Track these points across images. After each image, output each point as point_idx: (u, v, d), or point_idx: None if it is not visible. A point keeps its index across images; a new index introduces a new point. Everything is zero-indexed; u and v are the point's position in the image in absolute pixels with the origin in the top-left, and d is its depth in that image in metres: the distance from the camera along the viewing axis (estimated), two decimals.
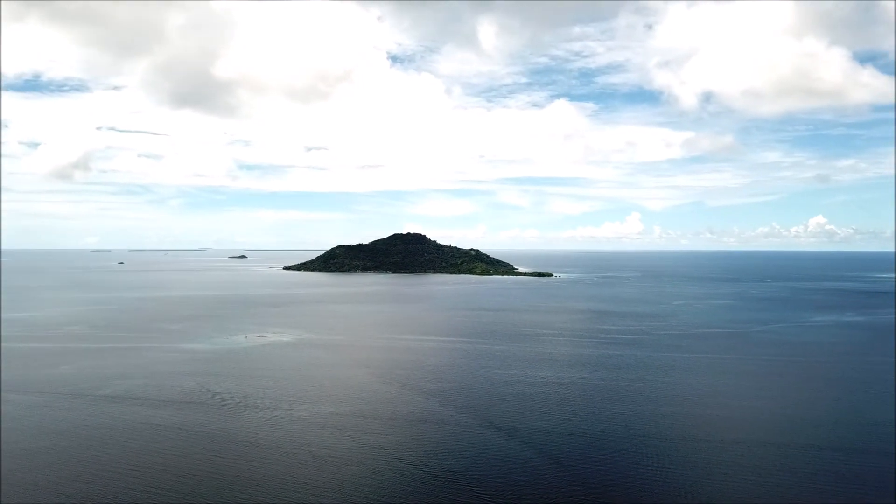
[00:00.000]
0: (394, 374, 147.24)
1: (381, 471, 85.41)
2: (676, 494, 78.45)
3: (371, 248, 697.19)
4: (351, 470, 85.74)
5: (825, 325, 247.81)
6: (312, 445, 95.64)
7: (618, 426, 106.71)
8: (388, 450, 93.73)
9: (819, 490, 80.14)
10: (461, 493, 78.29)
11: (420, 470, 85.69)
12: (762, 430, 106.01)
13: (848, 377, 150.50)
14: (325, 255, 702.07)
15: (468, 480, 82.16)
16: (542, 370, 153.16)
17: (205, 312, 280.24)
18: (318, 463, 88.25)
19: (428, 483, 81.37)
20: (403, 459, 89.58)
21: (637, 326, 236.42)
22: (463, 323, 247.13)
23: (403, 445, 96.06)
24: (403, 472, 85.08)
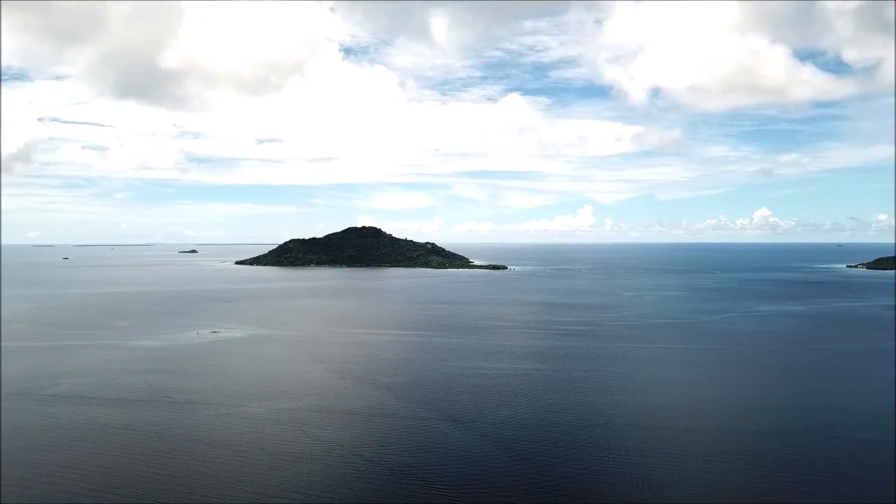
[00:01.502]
0: (349, 369, 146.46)
1: (337, 466, 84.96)
2: (629, 481, 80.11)
3: (325, 241, 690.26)
4: (306, 466, 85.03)
5: (769, 314, 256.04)
6: (266, 442, 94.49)
7: (571, 416, 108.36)
8: (343, 445, 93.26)
9: (763, 474, 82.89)
10: (418, 487, 78.47)
11: (376, 464, 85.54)
12: (710, 418, 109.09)
13: (790, 365, 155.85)
14: (279, 250, 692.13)
15: (425, 474, 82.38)
16: (498, 362, 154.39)
17: (154, 309, 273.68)
18: (272, 460, 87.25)
19: (384, 477, 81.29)
20: (359, 454, 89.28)
21: (589, 317, 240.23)
22: (419, 316, 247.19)
23: (359, 440, 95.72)
24: (359, 467, 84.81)
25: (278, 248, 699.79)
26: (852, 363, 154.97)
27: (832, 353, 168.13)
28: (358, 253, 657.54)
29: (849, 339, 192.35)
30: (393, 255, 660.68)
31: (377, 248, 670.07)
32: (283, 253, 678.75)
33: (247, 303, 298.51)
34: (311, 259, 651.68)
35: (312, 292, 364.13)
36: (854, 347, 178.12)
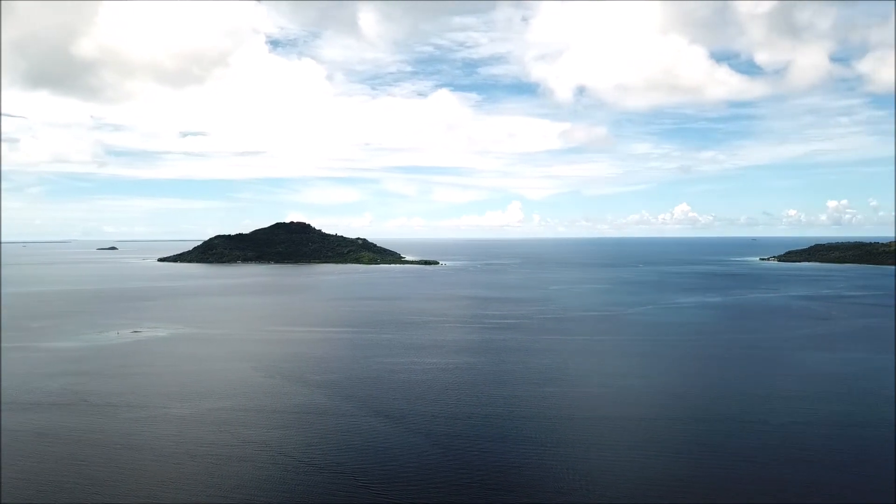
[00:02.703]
0: (278, 367, 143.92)
1: (264, 467, 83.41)
2: (558, 472, 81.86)
3: (252, 237, 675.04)
4: (231, 467, 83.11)
5: (689, 305, 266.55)
6: (190, 444, 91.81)
7: (501, 409, 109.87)
8: (271, 445, 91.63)
9: (685, 460, 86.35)
10: (347, 486, 77.91)
11: (305, 464, 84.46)
12: (635, 407, 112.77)
13: (708, 354, 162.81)
14: (204, 246, 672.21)
15: (355, 472, 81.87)
16: (428, 357, 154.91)
17: (71, 308, 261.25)
18: (195, 462, 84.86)
19: (313, 477, 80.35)
20: (287, 454, 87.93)
21: (518, 311, 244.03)
22: (349, 313, 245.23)
23: (288, 439, 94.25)
24: (287, 467, 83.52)
25: (203, 244, 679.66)
26: (765, 351, 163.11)
27: (747, 342, 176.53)
28: (286, 249, 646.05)
29: (761, 329, 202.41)
30: (323, 250, 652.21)
31: (306, 244, 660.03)
32: (209, 249, 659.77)
33: (170, 301, 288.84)
34: (237, 255, 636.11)
35: (239, 289, 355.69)
36: (766, 336, 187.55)
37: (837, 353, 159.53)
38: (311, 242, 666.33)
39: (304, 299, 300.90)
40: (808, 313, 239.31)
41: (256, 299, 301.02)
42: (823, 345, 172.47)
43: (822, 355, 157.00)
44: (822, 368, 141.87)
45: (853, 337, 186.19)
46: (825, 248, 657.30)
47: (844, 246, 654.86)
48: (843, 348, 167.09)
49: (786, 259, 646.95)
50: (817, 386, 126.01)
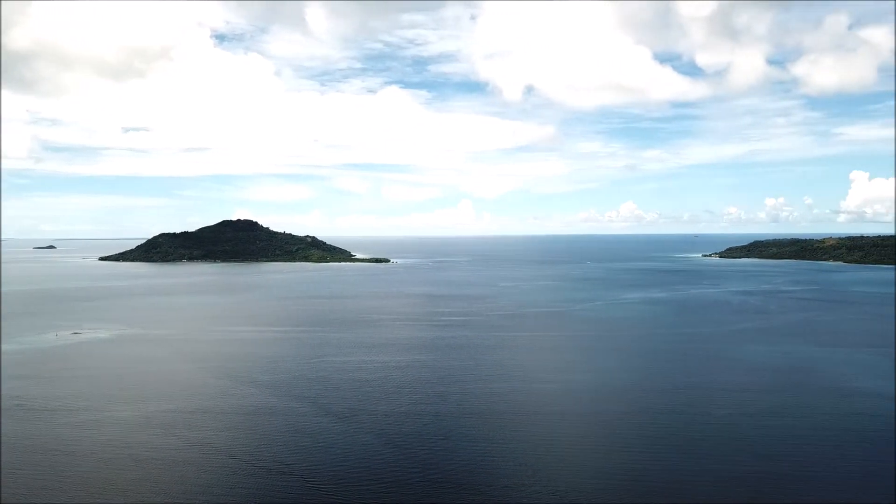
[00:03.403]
0: (225, 368, 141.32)
1: (211, 469, 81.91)
2: (509, 468, 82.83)
3: (198, 235, 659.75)
4: (177, 471, 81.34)
5: (634, 301, 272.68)
6: (134, 448, 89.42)
7: (451, 405, 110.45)
8: (218, 447, 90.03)
9: (634, 453, 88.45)
10: (297, 486, 77.20)
11: (253, 465, 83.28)
12: (582, 401, 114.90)
13: (653, 348, 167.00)
14: (147, 244, 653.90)
15: (304, 472, 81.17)
16: (379, 355, 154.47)
17: (7, 309, 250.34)
18: (140, 466, 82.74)
19: (261, 478, 79.31)
20: (235, 456, 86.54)
21: (469, 308, 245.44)
22: (299, 312, 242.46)
23: (236, 441, 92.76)
24: (235, 468, 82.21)
25: (147, 242, 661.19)
26: (707, 345, 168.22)
27: (689, 337, 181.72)
28: (233, 247, 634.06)
29: (703, 323, 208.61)
30: (271, 249, 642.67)
31: (254, 242, 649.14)
32: (153, 248, 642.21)
33: (112, 301, 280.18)
34: (182, 254, 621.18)
35: (185, 289, 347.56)
36: (708, 330, 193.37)
37: (775, 346, 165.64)
38: (258, 240, 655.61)
39: (252, 298, 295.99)
40: (748, 308, 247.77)
41: (203, 299, 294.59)
42: (762, 338, 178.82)
43: (761, 348, 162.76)
44: (761, 361, 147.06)
45: (790, 330, 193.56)
46: (763, 244, 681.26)
47: (782, 242, 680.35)
48: (781, 341, 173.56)
49: (726, 255, 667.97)
50: (756, 378, 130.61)
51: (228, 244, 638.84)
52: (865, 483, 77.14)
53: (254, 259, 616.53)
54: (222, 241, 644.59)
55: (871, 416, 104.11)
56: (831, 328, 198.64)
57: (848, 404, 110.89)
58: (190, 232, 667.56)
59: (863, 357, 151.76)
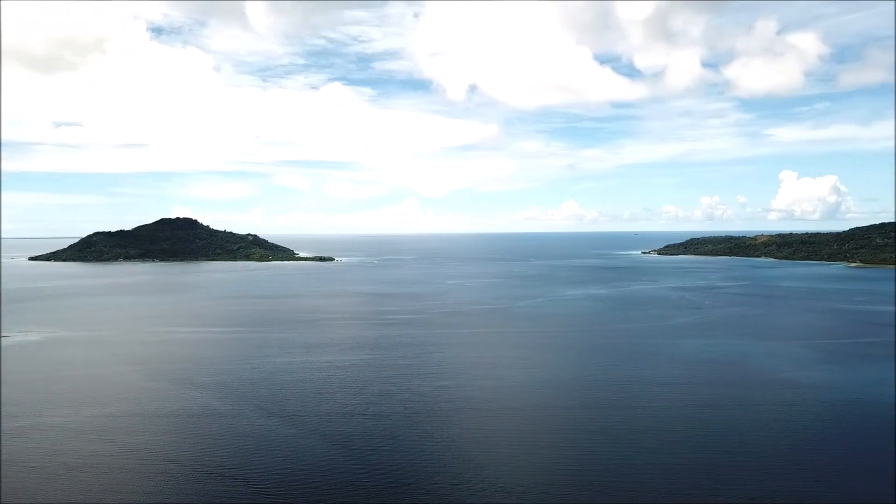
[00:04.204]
0: (164, 370, 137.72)
1: (149, 475, 79.82)
2: (454, 465, 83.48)
3: (135, 234, 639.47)
4: (113, 477, 78.95)
5: (576, 298, 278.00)
6: (66, 455, 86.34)
7: (397, 404, 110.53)
8: (157, 451, 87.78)
9: (574, 447, 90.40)
10: (239, 489, 75.99)
11: (193, 469, 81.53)
12: (526, 396, 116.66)
13: (594, 344, 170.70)
14: (81, 243, 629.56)
15: (246, 475, 79.93)
16: (323, 355, 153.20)
17: None
18: (73, 474, 79.95)
19: (202, 482, 77.74)
20: (174, 460, 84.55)
21: (414, 306, 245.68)
22: (240, 312, 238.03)
23: (175, 445, 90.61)
24: (174, 473, 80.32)
25: (81, 241, 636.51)
26: (646, 339, 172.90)
27: (629, 332, 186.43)
28: (172, 246, 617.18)
29: (642, 318, 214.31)
30: (211, 247, 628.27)
31: (193, 241, 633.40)
32: (87, 247, 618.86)
33: (43, 302, 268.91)
34: (119, 253, 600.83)
35: (121, 289, 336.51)
36: (647, 325, 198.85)
37: (710, 340, 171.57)
38: (198, 239, 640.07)
39: (192, 298, 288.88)
40: (685, 303, 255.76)
41: (140, 299, 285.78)
42: (698, 332, 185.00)
43: (697, 342, 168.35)
44: (697, 355, 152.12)
45: (724, 325, 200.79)
46: (699, 241, 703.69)
47: (716, 239, 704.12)
48: (715, 335, 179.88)
49: (664, 252, 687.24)
50: (692, 371, 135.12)
51: (167, 243, 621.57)
52: (793, 471, 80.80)
53: (193, 258, 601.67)
54: (160, 239, 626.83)
55: (797, 406, 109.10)
56: (762, 322, 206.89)
57: (776, 395, 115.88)
58: (126, 230, 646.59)
59: (790, 349, 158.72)
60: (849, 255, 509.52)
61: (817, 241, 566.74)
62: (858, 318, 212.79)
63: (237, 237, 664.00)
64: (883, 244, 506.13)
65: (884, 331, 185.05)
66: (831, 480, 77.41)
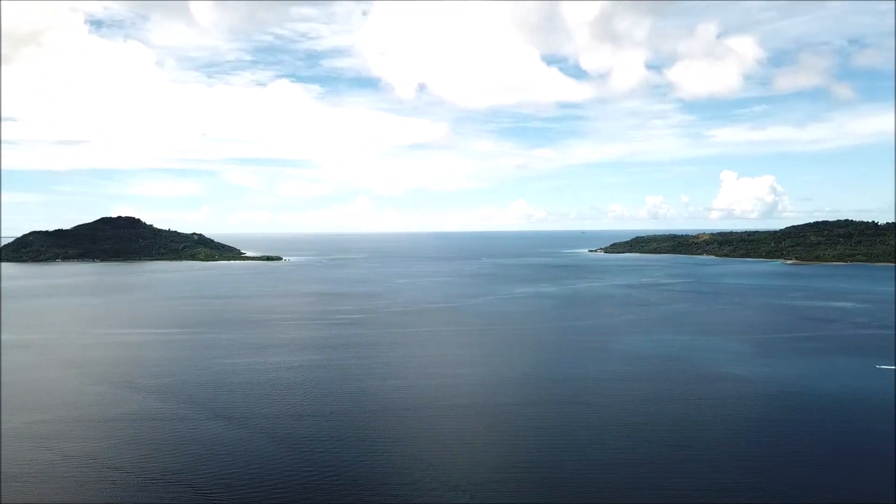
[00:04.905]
0: (106, 373, 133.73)
1: (88, 482, 77.50)
2: (406, 464, 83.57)
3: (74, 233, 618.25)
4: (53, 486, 76.38)
5: (526, 295, 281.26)
6: (2, 463, 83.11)
7: (347, 404, 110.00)
8: (98, 458, 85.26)
9: (523, 443, 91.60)
10: (184, 494, 74.43)
11: (136, 475, 79.46)
12: (476, 394, 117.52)
13: (543, 341, 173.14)
14: (17, 243, 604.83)
15: (192, 479, 78.35)
16: (271, 356, 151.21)
17: None
18: (8, 484, 76.98)
19: (146, 489, 75.87)
20: (116, 466, 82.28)
21: (365, 305, 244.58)
22: (185, 313, 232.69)
23: (117, 450, 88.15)
24: (116, 480, 78.19)
25: (16, 241, 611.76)
26: (593, 336, 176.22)
27: (577, 329, 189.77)
28: (114, 246, 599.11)
29: (589, 315, 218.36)
30: (155, 247, 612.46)
31: (136, 241, 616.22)
32: (23, 247, 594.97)
33: None
34: (57, 253, 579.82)
35: (61, 290, 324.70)
36: (594, 322, 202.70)
37: (654, 336, 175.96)
38: (141, 238, 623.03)
39: (136, 299, 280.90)
40: (630, 300, 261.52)
41: (81, 300, 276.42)
42: (642, 329, 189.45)
43: (642, 338, 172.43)
44: (642, 350, 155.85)
45: (667, 321, 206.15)
46: (644, 240, 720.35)
47: (660, 238, 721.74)
48: (659, 331, 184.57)
49: (611, 250, 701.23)
50: (637, 367, 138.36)
51: (108, 242, 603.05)
52: (734, 463, 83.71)
53: (136, 258, 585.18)
54: (101, 239, 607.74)
55: (737, 399, 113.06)
56: (704, 318, 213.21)
57: (718, 389, 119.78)
58: (65, 230, 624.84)
59: (731, 344, 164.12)
60: (785, 252, 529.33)
61: (756, 240, 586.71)
62: (794, 313, 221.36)
63: (182, 236, 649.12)
64: (817, 242, 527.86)
65: (817, 325, 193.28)
66: (771, 471, 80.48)
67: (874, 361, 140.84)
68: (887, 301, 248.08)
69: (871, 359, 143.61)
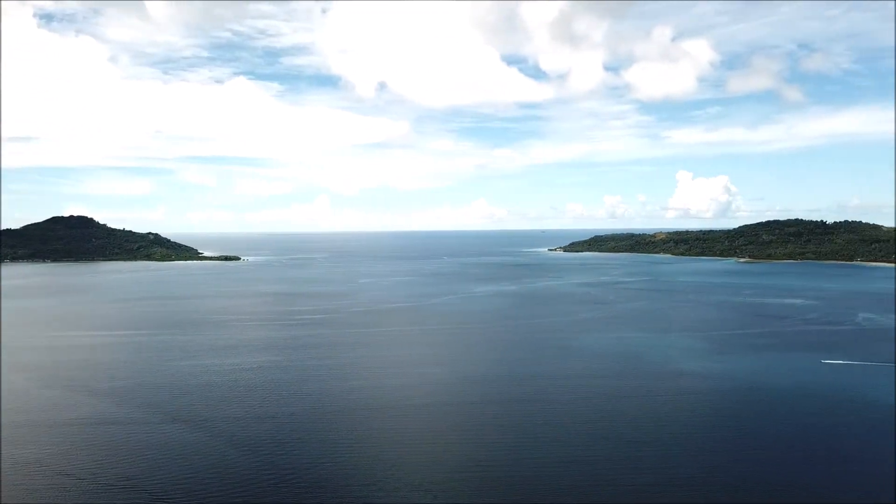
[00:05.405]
0: (58, 376, 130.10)
1: (39, 489, 75.38)
2: (367, 464, 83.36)
3: (23, 233, 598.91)
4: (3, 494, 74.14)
5: (487, 294, 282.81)
6: None
7: (308, 405, 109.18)
8: (48, 464, 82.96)
9: (485, 442, 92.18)
10: (140, 499, 73.00)
11: (89, 482, 77.60)
12: (438, 393, 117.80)
13: (504, 339, 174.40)
14: None
15: (148, 484, 76.88)
16: (230, 357, 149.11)
17: None
18: None
19: (99, 495, 74.13)
20: (68, 472, 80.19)
21: (325, 306, 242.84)
22: (141, 314, 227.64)
23: (69, 456, 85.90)
24: (68, 486, 76.24)
25: None
26: (553, 334, 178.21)
27: (537, 327, 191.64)
28: (66, 246, 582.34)
29: (550, 314, 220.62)
30: (109, 247, 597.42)
31: (89, 241, 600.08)
32: None
33: None
34: (5, 254, 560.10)
35: (11, 292, 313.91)
36: (554, 320, 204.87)
37: (613, 334, 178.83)
38: (94, 238, 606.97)
39: (90, 301, 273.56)
40: (589, 298, 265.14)
41: (32, 302, 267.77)
42: (601, 327, 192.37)
43: (601, 336, 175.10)
44: (600, 348, 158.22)
45: (625, 318, 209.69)
46: (603, 239, 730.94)
47: (618, 237, 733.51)
48: (618, 329, 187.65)
49: (570, 249, 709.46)
50: (596, 364, 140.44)
51: (60, 242, 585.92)
52: (690, 458, 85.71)
53: (89, 258, 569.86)
54: (53, 239, 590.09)
55: (694, 395, 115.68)
56: (661, 316, 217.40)
57: (674, 385, 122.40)
58: (14, 229, 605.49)
59: (687, 341, 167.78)
60: (739, 251, 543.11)
61: (710, 239, 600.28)
62: (747, 310, 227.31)
63: (137, 236, 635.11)
64: (769, 241, 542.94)
65: (768, 322, 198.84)
66: (726, 465, 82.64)
67: (821, 356, 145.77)
68: (835, 298, 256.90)
69: (819, 354, 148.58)
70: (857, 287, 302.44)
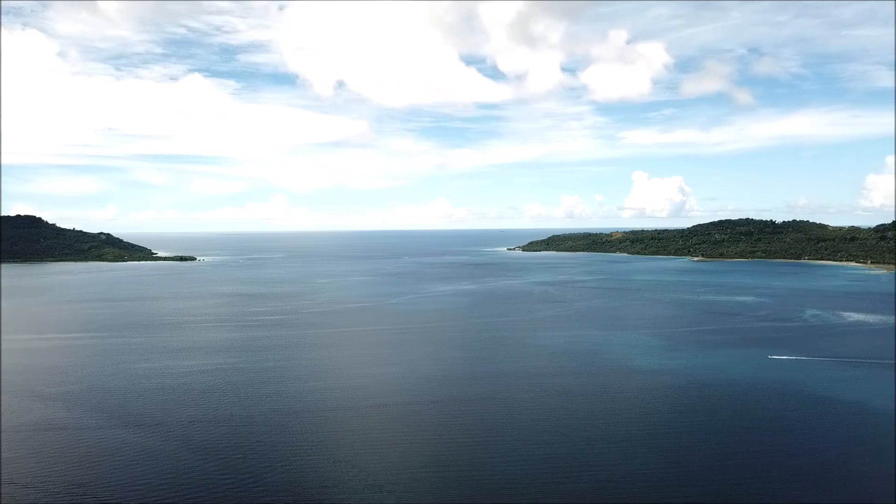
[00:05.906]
0: (5, 381, 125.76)
1: None
2: (324, 465, 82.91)
3: None
4: None
5: (446, 294, 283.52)
6: None
7: (265, 407, 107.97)
8: None
9: (444, 441, 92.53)
10: None
11: (37, 489, 75.40)
12: (398, 392, 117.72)
13: (464, 338, 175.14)
14: None
15: (99, 490, 75.05)
16: (185, 360, 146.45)
17: None
18: None
19: (46, 501, 72.20)
20: (14, 481, 77.73)
21: (283, 306, 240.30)
22: (92, 316, 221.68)
23: (17, 463, 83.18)
24: (14, 495, 73.93)
25: None
26: (511, 333, 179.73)
27: (495, 326, 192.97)
28: (12, 247, 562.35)
29: (508, 312, 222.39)
30: (58, 248, 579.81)
31: (37, 241, 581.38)
32: None
33: None
34: None
35: None
36: (512, 319, 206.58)
37: (571, 332, 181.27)
38: (43, 238, 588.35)
39: (38, 303, 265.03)
40: (547, 297, 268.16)
41: None
42: (559, 324, 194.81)
43: (559, 334, 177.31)
44: (558, 346, 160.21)
45: (583, 316, 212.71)
46: (561, 238, 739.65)
47: (576, 236, 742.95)
48: (576, 327, 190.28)
49: (528, 249, 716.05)
50: (554, 362, 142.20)
51: (5, 243, 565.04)
52: (646, 453, 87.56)
53: (38, 259, 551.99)
54: None
55: (649, 391, 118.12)
56: (617, 314, 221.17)
57: (631, 382, 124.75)
58: None
59: (642, 339, 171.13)
60: (692, 250, 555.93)
61: (665, 238, 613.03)
62: (700, 308, 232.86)
63: (88, 236, 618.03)
64: (721, 240, 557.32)
65: (720, 319, 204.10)
66: (681, 460, 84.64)
67: (768, 352, 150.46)
68: (783, 295, 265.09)
69: (766, 349, 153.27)
70: (803, 285, 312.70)
